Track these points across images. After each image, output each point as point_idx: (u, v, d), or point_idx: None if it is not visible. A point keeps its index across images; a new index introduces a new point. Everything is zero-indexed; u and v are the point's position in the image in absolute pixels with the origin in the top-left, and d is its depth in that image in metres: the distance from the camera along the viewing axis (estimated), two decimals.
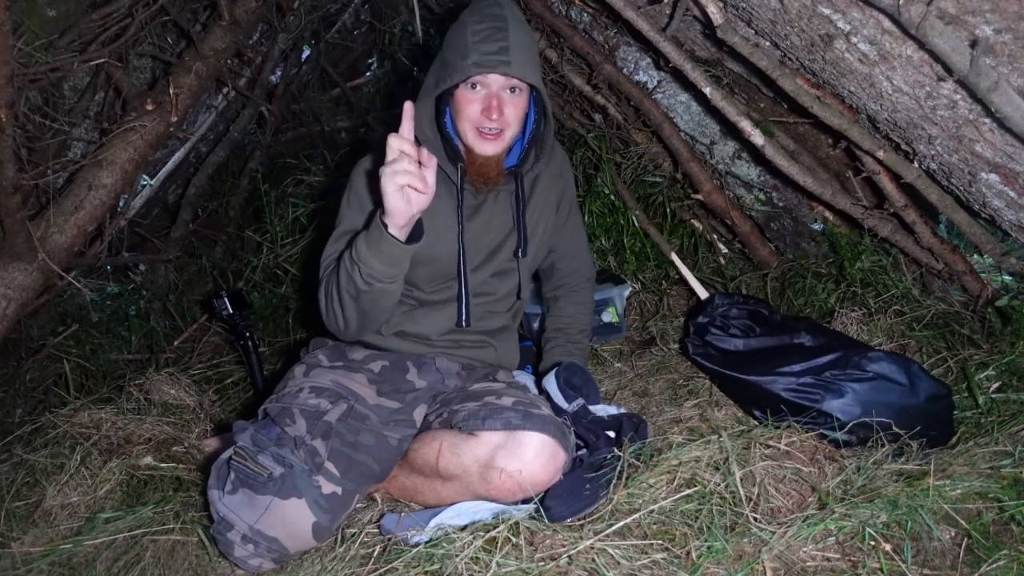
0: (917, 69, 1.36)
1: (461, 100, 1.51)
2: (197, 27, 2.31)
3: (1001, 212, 1.66)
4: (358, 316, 1.51)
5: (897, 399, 1.49)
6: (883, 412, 1.47)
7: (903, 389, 1.49)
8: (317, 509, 1.36)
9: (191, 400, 2.09)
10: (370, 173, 1.59)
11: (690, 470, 1.32)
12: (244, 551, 1.36)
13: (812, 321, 1.83)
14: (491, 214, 1.66)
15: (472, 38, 1.46)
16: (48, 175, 1.97)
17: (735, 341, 1.82)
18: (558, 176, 1.79)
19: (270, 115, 3.17)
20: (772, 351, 1.73)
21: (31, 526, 1.60)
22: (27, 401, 2.32)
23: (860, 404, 1.50)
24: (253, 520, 1.34)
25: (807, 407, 1.54)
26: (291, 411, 1.47)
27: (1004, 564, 1.04)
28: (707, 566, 1.11)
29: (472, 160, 1.55)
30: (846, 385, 1.52)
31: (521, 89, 1.52)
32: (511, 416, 1.45)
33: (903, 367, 1.51)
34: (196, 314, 2.87)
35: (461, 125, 1.54)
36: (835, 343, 1.66)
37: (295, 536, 1.36)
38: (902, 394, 1.49)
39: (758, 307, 1.92)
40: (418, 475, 1.55)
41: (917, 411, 1.47)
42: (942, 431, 1.50)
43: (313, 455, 1.39)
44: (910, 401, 1.48)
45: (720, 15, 1.62)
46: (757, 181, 2.34)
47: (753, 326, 1.85)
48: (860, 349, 1.59)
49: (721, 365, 1.76)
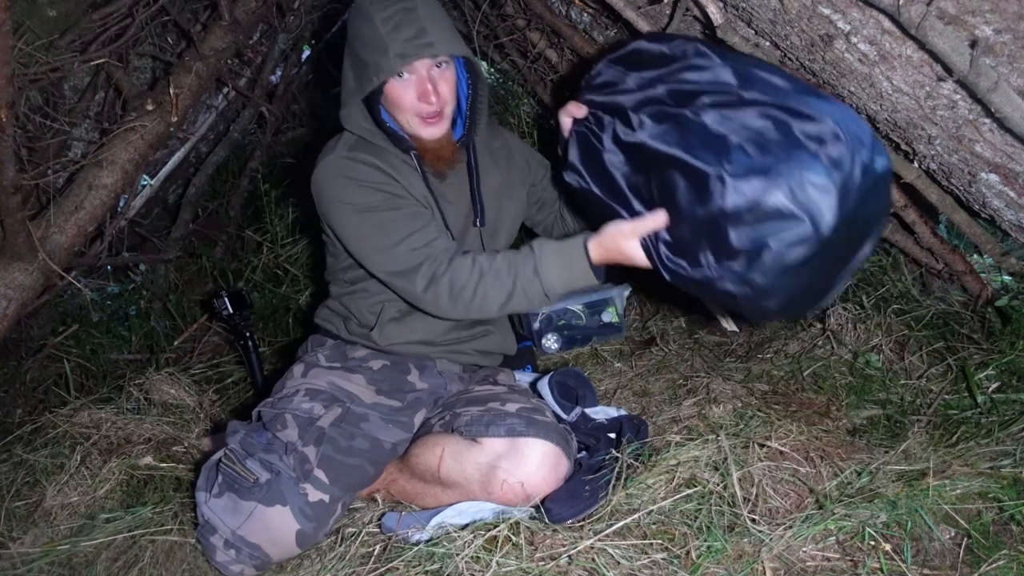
0: (917, 69, 1.36)
1: (393, 93, 1.47)
2: (197, 27, 2.31)
3: (1001, 212, 1.66)
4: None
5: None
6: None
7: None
8: (302, 517, 1.35)
9: (191, 400, 2.09)
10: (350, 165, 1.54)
11: (689, 470, 1.32)
12: (226, 556, 1.35)
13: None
14: (459, 190, 1.65)
15: (384, 28, 1.39)
16: (48, 175, 1.96)
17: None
18: (506, 147, 1.77)
19: (270, 115, 3.17)
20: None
21: (31, 526, 1.60)
22: (27, 401, 2.32)
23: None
24: (236, 526, 1.34)
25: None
26: (283, 416, 1.46)
27: (1004, 564, 1.04)
28: (707, 566, 1.11)
29: (423, 146, 1.53)
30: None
31: (447, 62, 1.48)
32: (515, 423, 1.44)
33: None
34: (196, 314, 2.87)
35: (401, 117, 1.51)
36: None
37: (277, 543, 1.35)
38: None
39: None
40: (419, 480, 1.54)
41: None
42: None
43: (303, 462, 1.38)
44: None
45: (720, 15, 1.61)
46: None
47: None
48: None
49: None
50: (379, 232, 1.48)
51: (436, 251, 1.46)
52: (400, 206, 1.49)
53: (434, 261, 1.45)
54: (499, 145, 1.77)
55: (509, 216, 1.74)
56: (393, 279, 1.49)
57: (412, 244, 1.46)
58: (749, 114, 1.18)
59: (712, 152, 1.17)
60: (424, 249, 1.46)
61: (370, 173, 1.50)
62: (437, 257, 1.46)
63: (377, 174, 1.51)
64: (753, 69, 1.25)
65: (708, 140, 1.18)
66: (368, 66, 1.43)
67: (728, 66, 1.25)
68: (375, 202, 1.49)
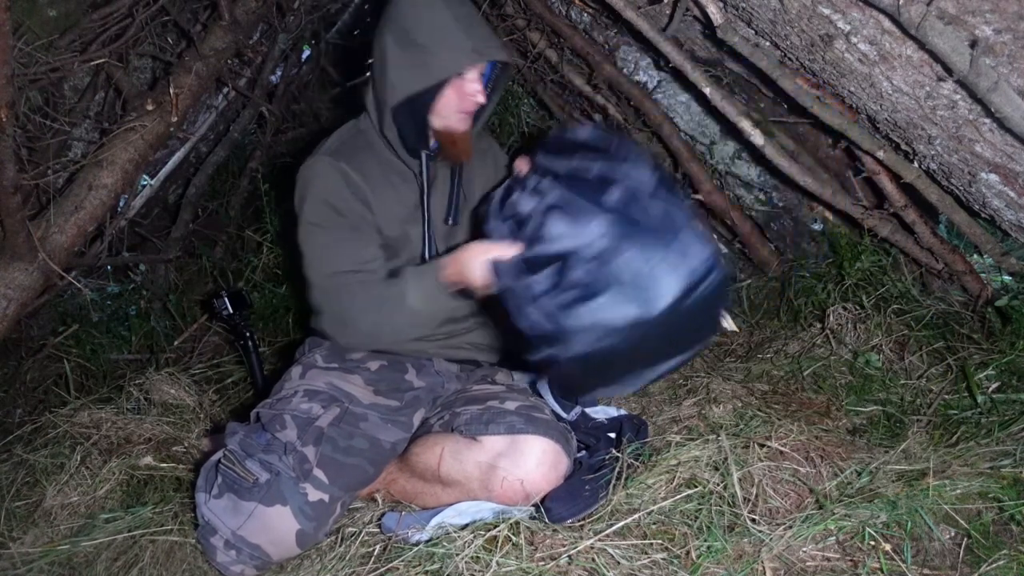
0: (917, 69, 1.36)
1: (453, 88, 1.49)
2: (197, 27, 2.31)
3: (1001, 212, 1.66)
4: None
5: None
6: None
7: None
8: (302, 517, 1.35)
9: (191, 400, 2.08)
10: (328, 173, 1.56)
11: (689, 470, 1.32)
12: (226, 557, 1.35)
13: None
14: (444, 188, 1.65)
15: (459, 24, 1.43)
16: (48, 175, 1.96)
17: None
18: (488, 151, 1.79)
19: (270, 115, 3.17)
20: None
21: (31, 526, 1.60)
22: (27, 401, 2.32)
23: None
24: (236, 526, 1.34)
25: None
26: (282, 417, 1.46)
27: (1004, 564, 1.04)
28: (707, 566, 1.11)
29: (451, 139, 1.54)
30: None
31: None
32: (514, 420, 1.44)
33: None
34: (196, 314, 2.87)
35: (444, 111, 1.52)
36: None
37: (278, 543, 1.35)
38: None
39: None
40: (419, 479, 1.54)
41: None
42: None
43: (302, 462, 1.38)
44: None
45: (720, 15, 1.61)
46: (757, 181, 2.34)
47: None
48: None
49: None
50: (316, 247, 1.54)
51: (356, 278, 1.50)
52: (343, 229, 1.52)
53: (345, 286, 1.50)
54: (486, 146, 1.81)
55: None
56: (312, 289, 1.56)
57: (338, 267, 1.50)
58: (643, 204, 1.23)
59: (598, 203, 1.22)
60: (346, 276, 1.50)
61: (336, 187, 1.52)
62: (352, 282, 1.50)
63: (343, 189, 1.53)
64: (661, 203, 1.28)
65: (599, 199, 1.23)
66: (436, 58, 1.44)
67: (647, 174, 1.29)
68: (324, 220, 1.53)
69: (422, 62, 1.46)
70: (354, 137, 1.62)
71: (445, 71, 1.46)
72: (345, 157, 1.55)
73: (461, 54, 1.44)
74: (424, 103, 1.51)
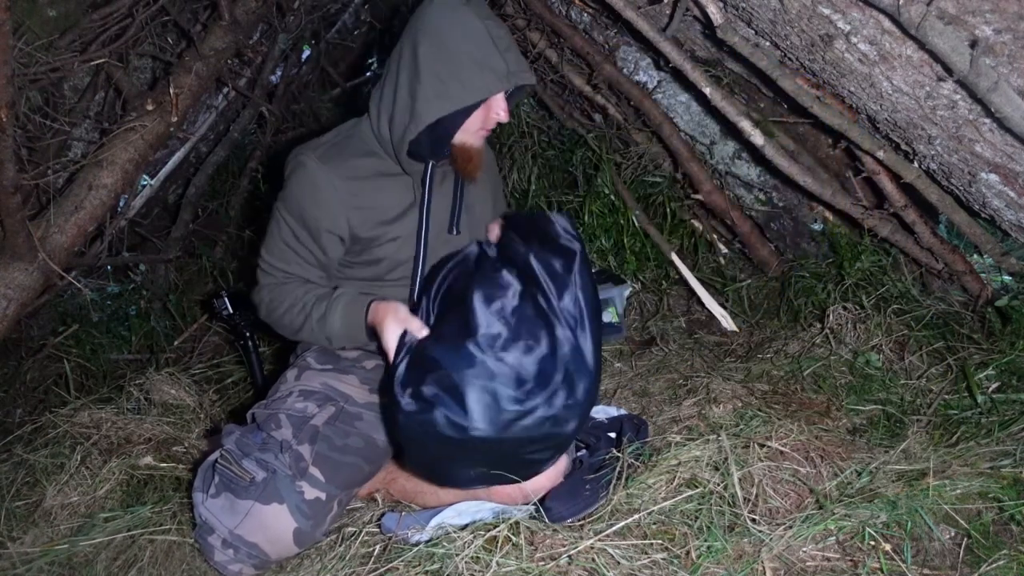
0: (917, 69, 1.36)
1: (483, 107, 1.48)
2: (197, 27, 2.31)
3: (1001, 212, 1.66)
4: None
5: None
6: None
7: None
8: (299, 515, 1.35)
9: (191, 400, 2.08)
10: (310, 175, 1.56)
11: (689, 470, 1.32)
12: (224, 556, 1.35)
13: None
14: (444, 198, 1.64)
15: (500, 45, 1.42)
16: (48, 175, 1.96)
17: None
18: (490, 159, 1.80)
19: (270, 115, 3.17)
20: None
21: (31, 526, 1.60)
22: (27, 401, 2.33)
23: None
24: (233, 525, 1.34)
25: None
26: (277, 416, 1.46)
27: (1004, 564, 1.04)
28: (707, 566, 1.11)
29: (467, 155, 1.53)
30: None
31: None
32: None
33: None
34: (196, 314, 2.87)
35: (470, 127, 1.50)
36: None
37: (275, 542, 1.35)
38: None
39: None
40: (418, 479, 1.55)
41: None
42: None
43: (298, 460, 1.38)
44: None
45: (720, 15, 1.61)
46: (757, 181, 2.34)
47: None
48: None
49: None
50: (276, 235, 1.58)
51: (295, 279, 1.58)
52: (303, 237, 1.55)
53: (284, 282, 1.58)
54: (488, 158, 1.79)
55: (484, 225, 1.73)
56: (259, 262, 1.62)
57: (286, 266, 1.57)
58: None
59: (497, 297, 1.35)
60: (287, 275, 1.58)
61: (310, 195, 1.53)
62: (291, 281, 1.58)
63: (316, 198, 1.53)
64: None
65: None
66: (475, 78, 1.42)
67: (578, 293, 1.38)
68: (291, 219, 1.55)
69: (460, 81, 1.43)
70: (349, 138, 1.60)
71: (483, 93, 1.44)
72: (334, 158, 1.54)
73: (499, 77, 1.43)
74: (454, 121, 1.48)
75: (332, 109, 3.63)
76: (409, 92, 1.46)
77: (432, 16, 1.44)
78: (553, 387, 1.28)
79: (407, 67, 1.46)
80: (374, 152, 1.58)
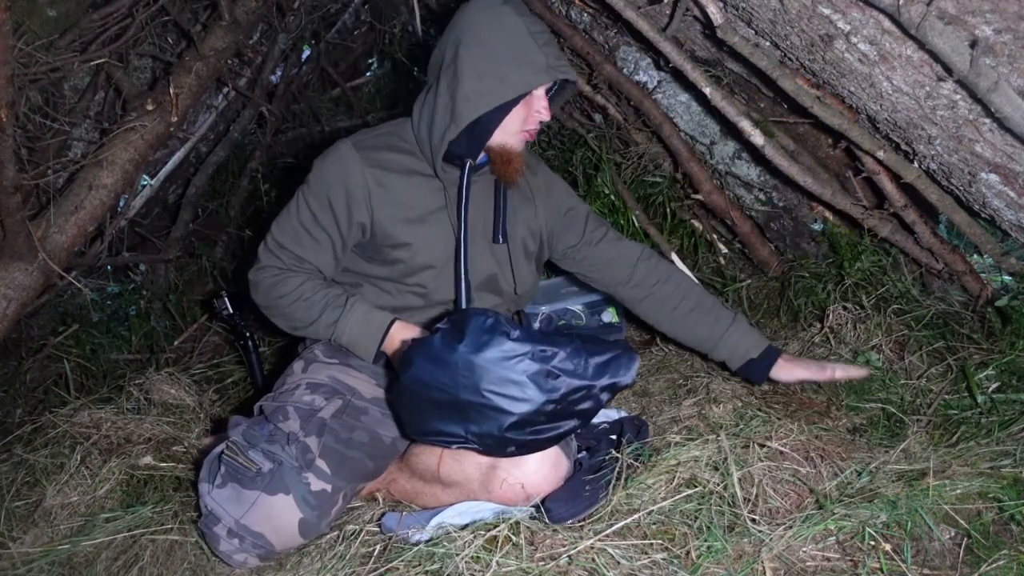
0: (917, 69, 1.36)
1: (523, 104, 1.48)
2: (197, 27, 2.31)
3: (1001, 212, 1.66)
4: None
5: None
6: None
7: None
8: (304, 506, 1.36)
9: (191, 400, 2.09)
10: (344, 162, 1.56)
11: (689, 470, 1.32)
12: (229, 546, 1.35)
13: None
14: (481, 208, 1.62)
15: (538, 41, 1.43)
16: (48, 175, 1.96)
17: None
18: (538, 174, 1.75)
19: (270, 115, 3.17)
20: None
21: (31, 526, 1.60)
22: (27, 401, 2.32)
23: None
24: (239, 515, 1.34)
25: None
26: (285, 408, 1.46)
27: (1004, 564, 1.04)
28: (707, 566, 1.11)
29: (505, 158, 1.53)
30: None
31: None
32: None
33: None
34: (196, 314, 2.87)
35: (509, 127, 1.50)
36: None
37: (281, 532, 1.35)
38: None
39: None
40: (419, 479, 1.54)
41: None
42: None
43: (305, 452, 1.39)
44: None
45: (720, 15, 1.62)
46: (757, 181, 2.34)
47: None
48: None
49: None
50: (293, 216, 1.57)
51: (302, 267, 1.57)
52: (324, 224, 1.55)
53: (289, 264, 1.57)
54: (534, 164, 1.75)
55: (518, 242, 1.70)
56: (266, 240, 1.60)
57: (297, 248, 1.56)
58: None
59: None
60: (297, 259, 1.57)
61: (341, 182, 1.53)
62: (299, 270, 1.57)
63: (348, 186, 1.53)
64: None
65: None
66: (514, 73, 1.43)
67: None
68: (315, 203, 1.54)
69: (499, 76, 1.43)
70: (391, 134, 1.61)
71: (522, 87, 1.44)
72: (370, 147, 1.56)
73: (538, 71, 1.43)
74: (493, 118, 1.48)
75: (332, 109, 3.63)
76: (449, 93, 1.47)
77: (470, 16, 1.47)
78: (556, 354, 1.27)
79: (448, 69, 1.47)
80: (411, 151, 1.59)
